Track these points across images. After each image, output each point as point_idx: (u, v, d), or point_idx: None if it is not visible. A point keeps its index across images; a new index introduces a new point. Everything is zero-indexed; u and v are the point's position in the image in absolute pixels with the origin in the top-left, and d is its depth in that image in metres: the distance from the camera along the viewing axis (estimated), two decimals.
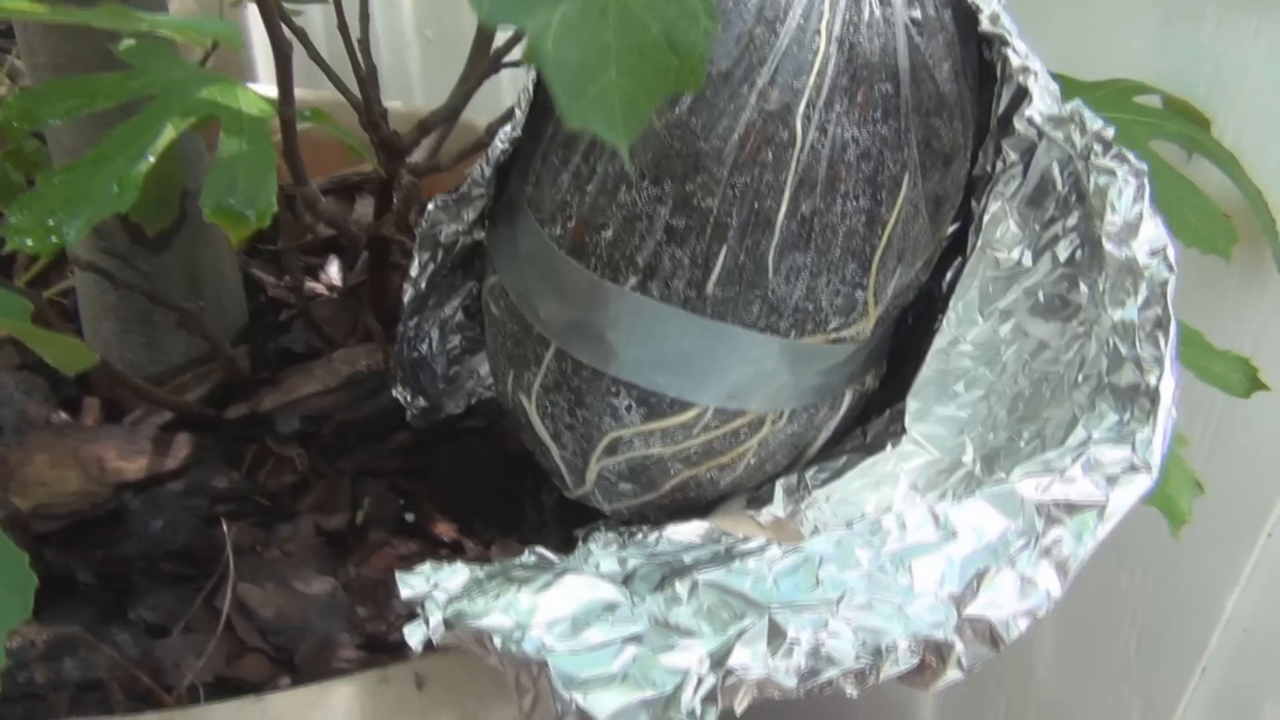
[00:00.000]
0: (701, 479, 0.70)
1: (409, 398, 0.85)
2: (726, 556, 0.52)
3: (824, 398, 0.69)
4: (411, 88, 1.72)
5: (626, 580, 0.51)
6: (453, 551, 0.84)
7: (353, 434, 0.90)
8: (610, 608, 0.48)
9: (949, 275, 0.73)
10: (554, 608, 0.48)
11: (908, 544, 0.48)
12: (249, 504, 0.84)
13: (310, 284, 1.13)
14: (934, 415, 0.68)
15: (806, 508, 0.71)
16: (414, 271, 0.74)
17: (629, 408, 0.66)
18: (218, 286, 0.97)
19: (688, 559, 0.54)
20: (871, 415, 0.75)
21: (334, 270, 1.15)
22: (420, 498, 0.87)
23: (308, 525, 0.83)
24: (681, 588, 0.49)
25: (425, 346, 0.86)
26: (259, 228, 0.70)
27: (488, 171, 0.67)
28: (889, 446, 0.69)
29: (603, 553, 0.59)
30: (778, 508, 0.71)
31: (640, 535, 0.70)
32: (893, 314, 0.67)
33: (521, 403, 0.70)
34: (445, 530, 0.84)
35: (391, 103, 0.88)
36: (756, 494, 0.73)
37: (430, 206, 0.70)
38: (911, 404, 0.68)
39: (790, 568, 0.49)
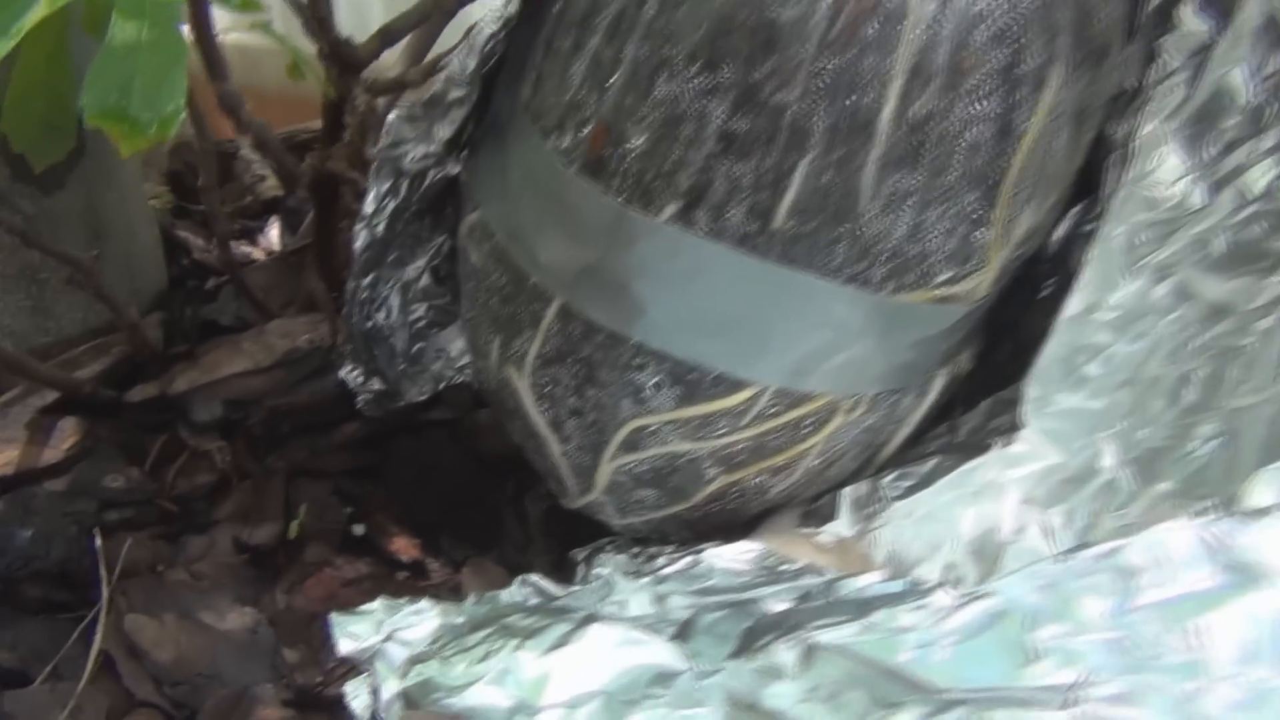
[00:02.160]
0: (746, 486, 0.53)
1: (360, 379, 0.67)
2: (846, 605, 0.35)
3: (912, 379, 0.52)
4: None
5: (682, 634, 0.34)
6: (413, 575, 0.66)
7: (288, 424, 0.72)
8: (663, 678, 0.31)
9: (1062, 228, 0.56)
10: (576, 677, 0.31)
11: (1180, 590, 0.31)
12: (151, 510, 0.66)
13: (248, 249, 0.95)
14: (1056, 406, 0.52)
15: (880, 526, 0.54)
16: (368, 207, 0.56)
17: (657, 386, 0.49)
18: (126, 240, 0.78)
19: (774, 603, 0.37)
20: (956, 407, 0.58)
21: (275, 234, 0.97)
22: (372, 505, 0.69)
23: (225, 538, 0.65)
24: (785, 653, 0.31)
25: (383, 315, 0.68)
26: (159, 139, 0.53)
27: (470, 65, 0.50)
28: (995, 446, 0.52)
29: (626, 585, 0.42)
30: (842, 525, 0.54)
31: (664, 560, 0.53)
32: (1012, 268, 0.50)
33: (510, 379, 0.53)
34: (403, 547, 0.66)
35: None
36: (814, 507, 0.56)
37: (392, 117, 0.53)
38: (1031, 391, 0.51)
39: (975, 628, 0.32)
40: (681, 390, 0.49)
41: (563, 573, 0.60)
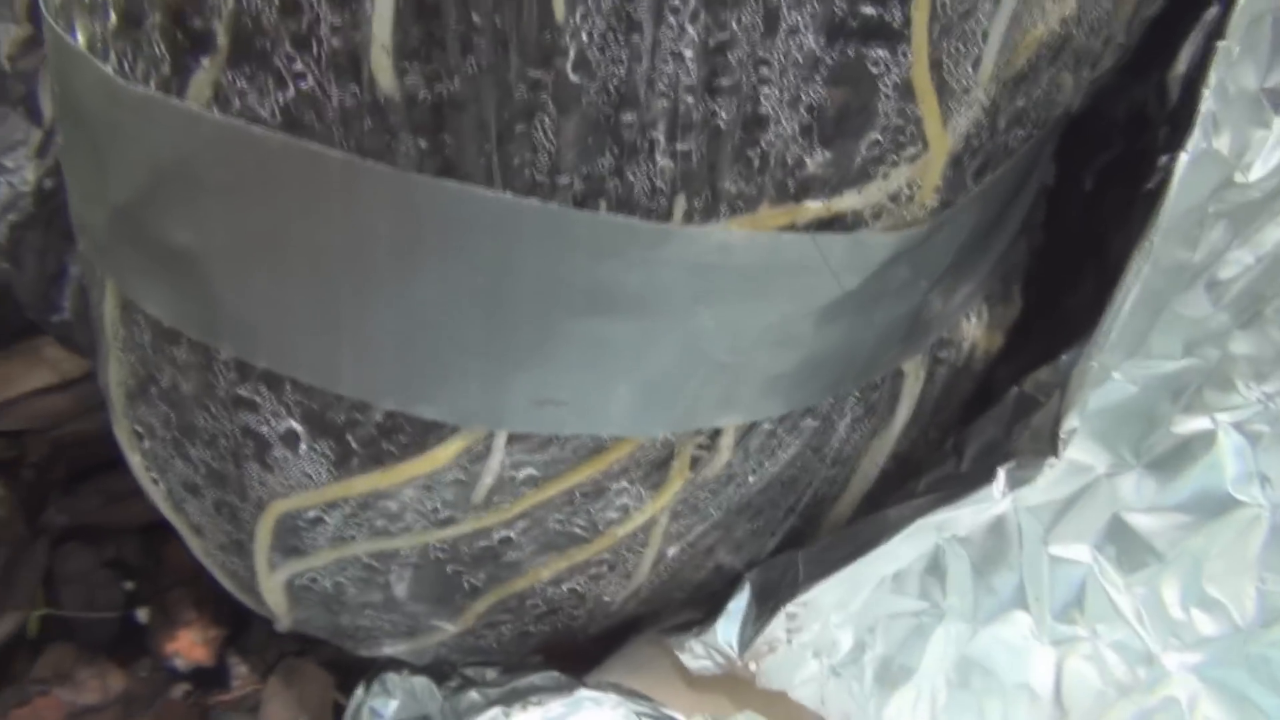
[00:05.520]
0: (555, 597, 0.29)
1: None
2: None
3: (833, 387, 0.26)
4: None
5: None
6: (198, 689, 0.45)
7: (69, 462, 0.52)
8: None
9: (1187, 52, 0.28)
10: None
11: None
12: None
13: None
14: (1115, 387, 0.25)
15: (793, 632, 0.29)
16: None
17: (290, 440, 0.25)
18: None
19: None
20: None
21: None
22: (169, 577, 0.48)
23: None
24: None
25: None
26: None
27: None
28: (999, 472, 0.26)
29: None
30: (725, 632, 0.29)
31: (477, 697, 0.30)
32: (1032, 144, 0.23)
33: (115, 427, 0.30)
34: (188, 646, 0.45)
35: None
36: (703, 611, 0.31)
37: None
38: (1091, 367, 0.25)
39: None
40: (334, 446, 0.24)
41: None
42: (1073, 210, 0.35)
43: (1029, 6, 0.20)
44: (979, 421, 0.29)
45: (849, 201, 0.21)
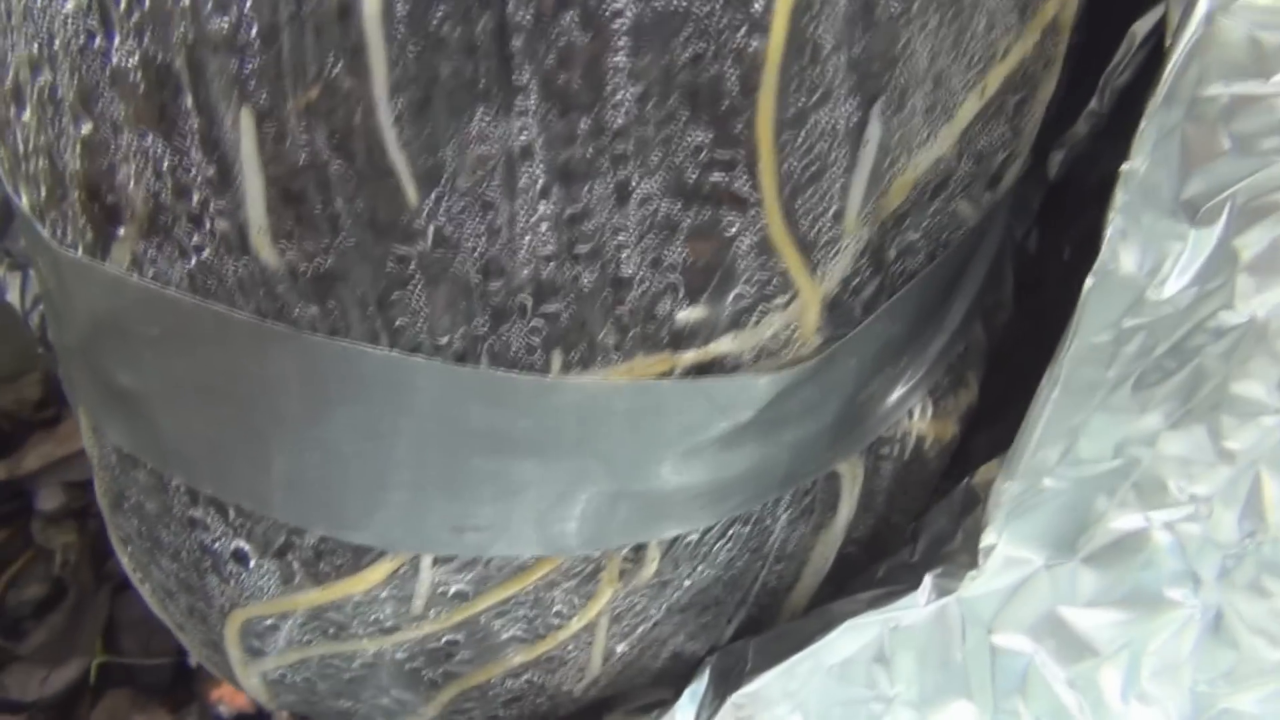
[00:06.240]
0: (517, 689, 0.30)
1: None
2: None
3: (745, 501, 0.26)
4: None
5: None
6: None
7: None
8: None
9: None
10: None
11: None
12: None
13: None
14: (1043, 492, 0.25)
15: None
16: None
17: (240, 558, 0.26)
18: None
19: None
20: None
21: None
22: None
23: (17, 685, 0.49)
24: None
25: None
26: None
27: None
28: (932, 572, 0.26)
29: None
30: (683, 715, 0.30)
31: None
32: (898, 275, 0.23)
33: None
34: (230, 694, 0.48)
35: None
36: (674, 694, 0.32)
37: None
38: (1008, 488, 0.25)
39: None
40: (278, 565, 0.26)
41: None
42: (1054, 278, 0.35)
43: (890, 157, 0.20)
44: (932, 512, 0.29)
45: (725, 346, 0.21)
